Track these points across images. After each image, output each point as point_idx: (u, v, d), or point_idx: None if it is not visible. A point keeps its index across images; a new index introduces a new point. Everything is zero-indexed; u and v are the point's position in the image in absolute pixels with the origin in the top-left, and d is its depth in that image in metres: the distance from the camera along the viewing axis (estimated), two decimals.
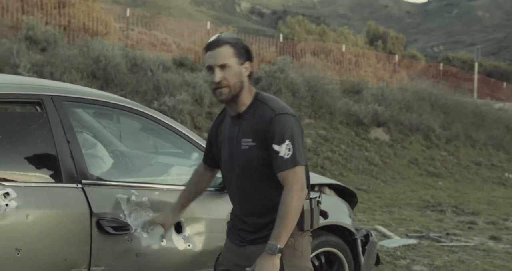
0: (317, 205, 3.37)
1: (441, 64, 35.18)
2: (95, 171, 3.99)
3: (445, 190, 16.20)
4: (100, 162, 4.25)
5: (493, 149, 22.90)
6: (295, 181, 3.15)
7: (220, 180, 4.26)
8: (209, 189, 4.12)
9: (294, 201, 3.12)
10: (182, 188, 4.16)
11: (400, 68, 30.83)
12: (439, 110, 22.95)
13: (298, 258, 3.32)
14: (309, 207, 3.29)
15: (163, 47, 23.75)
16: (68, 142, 3.72)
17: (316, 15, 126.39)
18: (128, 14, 23.75)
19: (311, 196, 3.36)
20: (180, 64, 19.63)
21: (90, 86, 14.23)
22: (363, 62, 28.39)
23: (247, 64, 3.29)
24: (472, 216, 12.01)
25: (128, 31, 23.52)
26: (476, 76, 32.77)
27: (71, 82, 14.12)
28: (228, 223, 3.59)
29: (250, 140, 3.25)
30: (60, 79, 14.19)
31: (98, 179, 3.88)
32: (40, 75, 14.52)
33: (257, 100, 3.32)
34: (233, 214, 3.54)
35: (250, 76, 3.32)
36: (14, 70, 14.30)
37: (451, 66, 38.67)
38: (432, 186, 16.85)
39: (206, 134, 15.07)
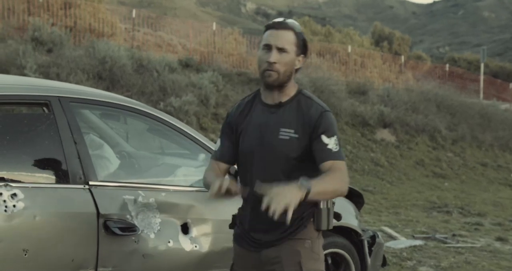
0: (332, 205, 3.30)
1: (447, 65, 35.11)
2: (102, 172, 4.00)
3: (451, 191, 16.17)
4: (107, 162, 4.26)
5: (499, 150, 22.85)
6: (342, 171, 3.08)
7: None
8: None
9: (338, 181, 3.04)
10: (189, 188, 4.17)
11: (406, 69, 30.78)
12: (445, 111, 22.90)
13: (316, 262, 3.27)
14: (326, 206, 3.23)
15: (168, 48, 23.76)
16: (75, 143, 3.73)
17: (321, 16, 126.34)
18: (134, 15, 23.77)
19: None
20: (185, 65, 19.63)
21: (96, 87, 14.26)
22: (369, 63, 28.35)
23: (301, 57, 3.24)
24: (478, 217, 11.98)
25: (134, 32, 23.55)
26: (482, 77, 32.67)
27: (77, 83, 14.14)
28: (231, 226, 3.47)
29: (292, 131, 3.16)
30: (66, 80, 14.21)
31: (105, 180, 3.89)
32: (46, 76, 14.55)
33: (301, 94, 3.28)
34: (242, 215, 3.36)
35: (297, 70, 3.26)
36: (21, 71, 14.33)
37: (457, 67, 38.59)
38: (438, 187, 16.82)
39: (212, 135, 15.08)
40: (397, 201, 13.42)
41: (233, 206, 3.91)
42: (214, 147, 3.49)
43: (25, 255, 3.41)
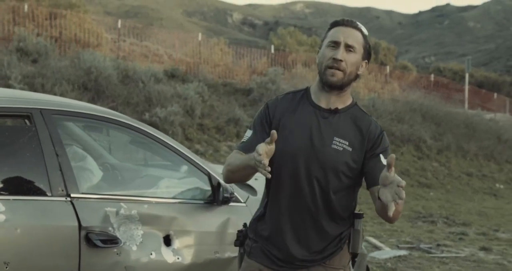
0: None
1: (432, 75, 35.31)
2: (85, 184, 3.99)
3: (436, 201, 16.22)
4: (89, 174, 4.25)
5: (484, 159, 22.96)
6: None
7: (210, 193, 4.27)
8: (198, 201, 4.14)
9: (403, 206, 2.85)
10: (171, 200, 4.17)
11: (391, 79, 30.90)
12: (430, 121, 23.01)
13: None
14: (361, 227, 3.07)
15: (154, 58, 23.79)
16: (57, 155, 3.72)
17: (307, 26, 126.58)
18: (119, 25, 23.77)
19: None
20: (171, 75, 19.63)
21: (81, 98, 14.24)
22: None
23: (364, 63, 3.04)
24: (463, 227, 12.02)
25: (119, 42, 23.55)
26: (467, 87, 32.90)
27: (62, 94, 14.12)
28: (237, 243, 3.22)
29: (347, 143, 2.94)
30: (51, 91, 14.19)
31: (87, 192, 3.89)
32: (31, 86, 14.51)
33: (356, 105, 3.08)
34: (265, 226, 3.07)
35: (357, 77, 3.04)
36: (5, 82, 14.29)
37: (442, 77, 38.85)
38: (423, 196, 16.87)
39: (198, 146, 15.10)
40: None
41: (215, 218, 3.93)
42: (244, 137, 3.12)
43: (6, 267, 3.39)
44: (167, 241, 4.02)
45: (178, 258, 4.02)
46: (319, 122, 2.96)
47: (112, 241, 3.73)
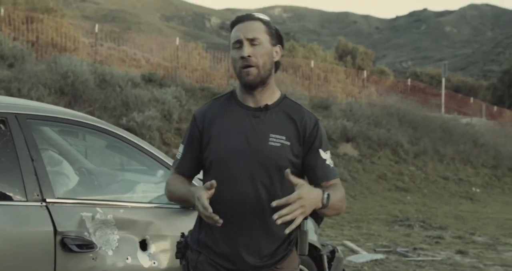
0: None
1: (409, 80, 35.52)
2: (60, 189, 3.98)
3: (413, 205, 16.32)
4: (65, 179, 4.24)
5: (461, 163, 23.13)
6: (343, 190, 2.89)
7: None
8: (175, 206, 4.13)
9: (344, 201, 2.86)
10: (148, 205, 4.17)
11: (369, 83, 31.06)
12: (407, 125, 23.15)
13: None
14: (307, 228, 2.90)
15: (132, 63, 23.73)
16: (32, 159, 3.71)
17: (285, 30, 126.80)
18: (97, 29, 23.70)
19: None
20: (148, 80, 19.60)
21: (58, 103, 14.18)
22: (332, 77, 28.58)
23: (278, 48, 2.93)
24: (439, 231, 12.10)
25: (97, 46, 23.46)
26: (443, 92, 33.13)
27: (38, 98, 14.04)
28: (181, 249, 3.09)
29: (283, 137, 2.84)
30: (28, 95, 14.11)
31: (63, 196, 3.87)
32: (8, 91, 14.42)
33: (286, 98, 2.98)
34: (210, 237, 2.94)
35: (277, 66, 2.96)
36: None
37: (419, 82, 39.08)
38: (401, 200, 16.97)
39: (175, 151, 15.05)
40: (359, 215, 13.50)
41: (192, 222, 3.91)
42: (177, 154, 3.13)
43: None
44: (143, 245, 4.01)
45: (154, 263, 4.01)
46: (252, 122, 2.87)
47: (87, 246, 3.71)
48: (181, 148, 3.07)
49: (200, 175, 3.13)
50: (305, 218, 2.82)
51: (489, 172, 23.52)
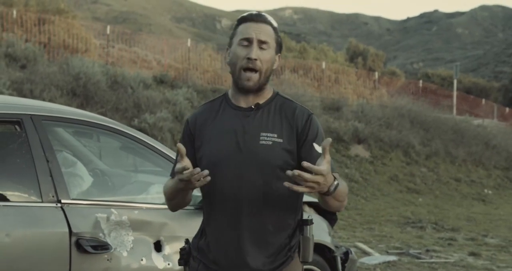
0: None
1: (421, 81, 35.40)
2: (75, 190, 3.99)
3: (425, 206, 16.26)
4: (80, 180, 4.25)
5: (472, 165, 23.03)
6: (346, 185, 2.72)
7: (200, 198, 4.26)
8: (189, 207, 4.12)
9: (346, 193, 2.70)
10: (162, 206, 4.16)
11: (380, 85, 30.98)
12: (419, 126, 23.07)
13: None
14: (311, 234, 2.83)
15: (143, 64, 23.76)
16: (48, 161, 3.72)
17: (296, 32, 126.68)
18: (108, 31, 23.74)
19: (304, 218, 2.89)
20: (160, 81, 19.62)
21: (70, 104, 14.21)
22: (343, 79, 28.52)
23: (277, 57, 2.87)
24: (451, 232, 12.06)
25: (108, 48, 23.51)
26: (455, 93, 33.00)
27: (50, 99, 14.08)
28: (184, 256, 2.98)
29: (275, 135, 2.74)
30: (40, 97, 14.15)
31: (78, 198, 3.88)
32: (20, 92, 14.46)
33: (278, 95, 2.89)
34: (206, 242, 2.87)
35: (272, 72, 2.87)
36: None
37: (430, 83, 38.95)
38: (412, 202, 16.92)
39: None
40: (371, 217, 13.47)
41: None
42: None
43: None
44: (158, 246, 4.02)
45: (168, 264, 4.02)
46: (243, 123, 2.78)
47: (102, 247, 3.72)
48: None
49: None
50: (309, 224, 2.81)
51: (501, 174, 23.42)
